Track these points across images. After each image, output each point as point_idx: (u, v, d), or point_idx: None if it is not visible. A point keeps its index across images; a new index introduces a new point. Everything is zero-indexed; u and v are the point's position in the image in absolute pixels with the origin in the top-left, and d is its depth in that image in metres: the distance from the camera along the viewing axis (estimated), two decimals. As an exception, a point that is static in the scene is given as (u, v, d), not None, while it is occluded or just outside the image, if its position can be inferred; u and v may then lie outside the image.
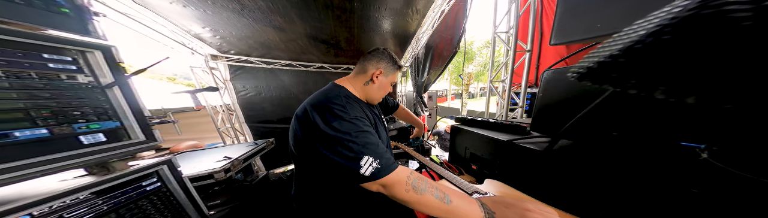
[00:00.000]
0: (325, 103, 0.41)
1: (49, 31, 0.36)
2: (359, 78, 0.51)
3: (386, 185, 0.33)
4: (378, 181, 0.33)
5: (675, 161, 0.27)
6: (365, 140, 0.36)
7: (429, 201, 0.31)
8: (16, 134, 0.31)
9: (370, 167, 0.33)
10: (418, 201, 0.32)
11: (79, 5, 0.39)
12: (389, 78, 0.52)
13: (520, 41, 1.39)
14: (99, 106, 0.40)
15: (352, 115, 0.39)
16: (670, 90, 0.12)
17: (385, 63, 0.50)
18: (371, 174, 0.32)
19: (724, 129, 0.22)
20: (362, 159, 0.33)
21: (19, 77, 0.32)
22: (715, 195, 0.22)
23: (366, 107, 0.51)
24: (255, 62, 1.96)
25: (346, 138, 0.35)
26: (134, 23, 1.27)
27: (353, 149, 0.34)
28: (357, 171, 0.32)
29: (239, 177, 1.17)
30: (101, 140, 0.40)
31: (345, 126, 0.37)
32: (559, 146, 0.41)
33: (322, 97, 0.44)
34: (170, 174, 0.51)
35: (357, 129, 0.37)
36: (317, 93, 0.48)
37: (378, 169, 0.33)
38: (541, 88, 0.46)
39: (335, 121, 0.37)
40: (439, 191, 0.33)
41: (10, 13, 0.32)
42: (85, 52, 0.39)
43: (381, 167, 0.33)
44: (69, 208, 0.35)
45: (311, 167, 0.47)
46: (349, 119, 0.38)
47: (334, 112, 0.38)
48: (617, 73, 0.14)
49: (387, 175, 0.33)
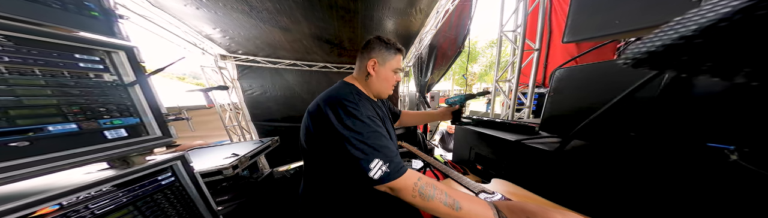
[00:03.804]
0: (338, 100, 0.40)
1: (80, 33, 0.38)
2: (360, 74, 0.50)
3: (394, 189, 0.33)
4: (385, 185, 0.33)
5: (701, 163, 0.25)
6: (377, 142, 0.35)
7: (438, 208, 0.30)
8: (50, 128, 0.33)
9: (378, 171, 0.32)
10: (425, 206, 0.31)
11: (107, 9, 0.41)
12: (388, 65, 0.47)
13: (528, 40, 1.36)
14: (122, 103, 0.43)
15: (365, 114, 0.38)
16: (758, 72, 0.11)
17: (377, 51, 0.46)
18: (380, 178, 0.32)
19: (758, 129, 0.21)
20: (372, 162, 0.32)
21: (53, 75, 0.35)
22: (743, 199, 0.21)
23: (375, 105, 0.51)
24: (261, 62, 2.00)
25: (359, 138, 0.35)
26: (151, 25, 1.33)
27: (364, 151, 0.33)
28: (366, 173, 0.32)
29: (245, 174, 1.19)
30: (123, 135, 0.42)
31: (358, 125, 0.36)
32: (571, 146, 0.40)
33: (334, 94, 0.43)
34: (183, 169, 0.54)
35: (370, 129, 0.36)
36: (329, 90, 0.48)
37: (387, 173, 0.32)
38: (552, 87, 0.46)
39: (349, 119, 0.37)
40: (448, 197, 0.31)
41: (48, 16, 0.34)
42: (111, 53, 0.42)
43: (390, 171, 0.33)
44: (93, 199, 0.37)
45: (321, 163, 0.47)
46: (362, 118, 0.37)
47: (347, 110, 0.38)
48: (690, 56, 0.13)
49: (395, 180, 0.33)
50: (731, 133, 0.24)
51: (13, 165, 0.29)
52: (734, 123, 0.23)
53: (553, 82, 0.45)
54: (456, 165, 0.79)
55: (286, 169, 1.51)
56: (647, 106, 0.29)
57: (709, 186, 0.24)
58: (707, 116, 0.25)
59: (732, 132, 0.24)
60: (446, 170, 0.58)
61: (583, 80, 0.39)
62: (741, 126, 0.23)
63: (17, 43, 0.31)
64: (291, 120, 2.22)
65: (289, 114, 2.22)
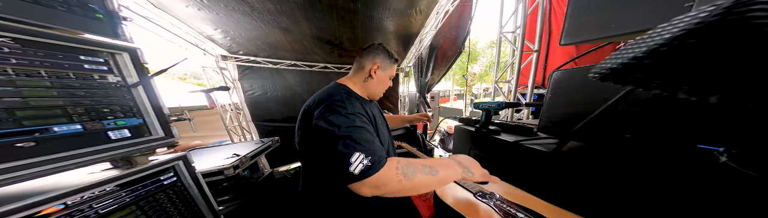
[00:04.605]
0: (326, 98, 0.42)
1: (85, 35, 0.39)
2: (358, 75, 0.53)
3: (378, 185, 0.30)
4: (367, 181, 0.30)
5: (692, 164, 0.27)
6: (360, 136, 0.34)
7: (422, 181, 0.32)
8: (55, 129, 0.34)
9: (359, 164, 0.30)
10: (413, 186, 0.32)
11: (111, 11, 0.42)
12: (387, 72, 0.54)
13: (527, 41, 1.37)
14: (125, 103, 0.43)
15: (350, 110, 0.39)
16: (693, 89, 0.13)
17: (381, 58, 0.51)
18: (360, 171, 0.30)
19: (744, 131, 0.22)
20: (353, 156, 0.31)
21: (59, 77, 0.35)
22: (733, 199, 0.22)
23: (367, 105, 0.52)
24: (262, 62, 2.01)
25: (341, 133, 0.34)
26: (153, 26, 1.34)
27: (347, 145, 0.32)
28: (347, 168, 0.30)
29: (246, 174, 1.20)
30: (126, 136, 0.42)
31: (340, 120, 0.36)
32: (567, 148, 0.41)
33: (324, 94, 0.45)
34: (185, 169, 0.54)
35: (351, 123, 0.36)
36: (320, 91, 0.50)
37: (368, 166, 0.30)
38: (550, 89, 0.46)
39: (332, 115, 0.37)
40: (424, 167, 0.34)
41: (54, 19, 0.35)
42: (115, 54, 0.42)
43: (371, 165, 0.31)
44: (97, 199, 0.38)
45: (315, 162, 0.48)
46: (346, 114, 0.38)
47: (332, 107, 0.39)
48: (641, 74, 0.15)
49: (377, 172, 0.30)
50: (720, 135, 0.24)
51: (20, 165, 0.29)
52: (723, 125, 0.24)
53: (551, 84, 0.46)
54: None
55: (286, 169, 1.51)
56: (641, 108, 0.30)
57: (700, 186, 0.24)
58: (697, 118, 0.25)
59: (721, 134, 0.24)
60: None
61: (581, 82, 0.39)
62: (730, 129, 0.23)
63: (24, 45, 0.32)
64: (291, 120, 2.24)
65: (290, 114, 2.24)
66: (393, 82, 0.64)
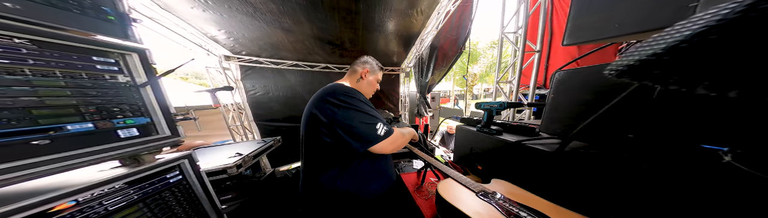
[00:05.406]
0: (334, 89, 0.52)
1: (97, 37, 0.40)
2: (353, 76, 0.66)
3: (392, 142, 0.49)
4: (389, 139, 0.48)
5: (695, 164, 0.26)
6: (374, 113, 0.49)
7: (405, 139, 0.55)
8: (68, 127, 0.35)
9: (383, 130, 0.48)
10: (403, 141, 0.54)
11: (122, 13, 0.43)
12: (374, 76, 0.69)
13: (529, 41, 1.37)
14: (134, 103, 0.44)
15: (360, 98, 0.51)
16: (713, 84, 0.13)
17: (369, 64, 0.67)
18: (385, 133, 0.48)
19: (750, 130, 0.22)
20: (377, 125, 0.48)
21: (73, 77, 0.37)
22: (737, 199, 0.22)
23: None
24: (264, 62, 2.03)
25: (362, 110, 0.48)
26: (159, 27, 1.36)
27: (371, 118, 0.48)
28: (375, 132, 0.46)
29: (248, 173, 1.21)
30: (135, 134, 0.43)
31: (355, 102, 0.49)
32: (570, 148, 0.40)
33: (330, 89, 0.53)
34: (190, 168, 0.55)
35: (367, 106, 0.50)
36: (322, 89, 0.57)
37: (387, 131, 0.49)
38: (552, 89, 0.46)
39: (349, 98, 0.49)
40: (402, 133, 0.54)
41: (69, 21, 0.36)
42: (125, 55, 0.44)
43: (388, 129, 0.49)
44: (107, 196, 0.38)
45: (319, 153, 0.53)
46: (359, 99, 0.50)
47: (345, 93, 0.50)
48: (660, 70, 0.15)
49: (392, 134, 0.49)
50: (725, 135, 0.24)
51: (35, 163, 0.30)
52: (727, 125, 0.24)
53: (553, 84, 0.46)
54: (456, 165, 0.80)
55: (287, 169, 1.52)
56: (644, 108, 0.30)
57: (704, 186, 0.24)
58: (701, 118, 0.25)
59: (725, 134, 0.24)
60: (447, 170, 0.59)
61: (583, 82, 0.39)
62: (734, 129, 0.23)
63: (40, 47, 0.33)
64: (293, 120, 2.24)
65: (291, 114, 2.25)
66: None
